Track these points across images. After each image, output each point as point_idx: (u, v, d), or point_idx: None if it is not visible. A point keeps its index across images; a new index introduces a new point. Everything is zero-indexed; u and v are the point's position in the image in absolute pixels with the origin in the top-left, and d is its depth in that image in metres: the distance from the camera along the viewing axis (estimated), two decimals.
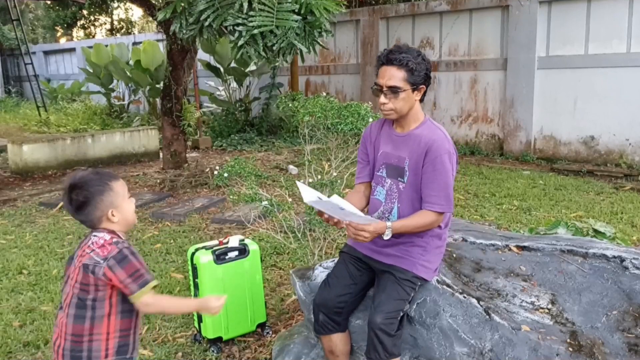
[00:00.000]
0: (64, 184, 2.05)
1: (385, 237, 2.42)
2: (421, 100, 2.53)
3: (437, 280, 2.61)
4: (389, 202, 2.58)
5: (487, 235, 3.12)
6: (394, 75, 2.41)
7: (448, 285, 2.60)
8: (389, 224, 2.42)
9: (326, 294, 2.62)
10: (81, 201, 2.00)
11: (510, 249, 2.95)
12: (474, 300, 2.52)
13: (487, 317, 2.46)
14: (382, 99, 2.46)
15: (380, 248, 2.57)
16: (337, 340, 2.64)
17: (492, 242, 3.02)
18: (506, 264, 2.84)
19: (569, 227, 3.76)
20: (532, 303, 2.59)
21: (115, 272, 1.92)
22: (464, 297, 2.54)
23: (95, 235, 2.02)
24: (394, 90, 2.42)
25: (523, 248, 2.94)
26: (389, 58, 2.43)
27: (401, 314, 2.45)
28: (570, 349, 2.33)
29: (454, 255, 2.89)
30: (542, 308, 2.57)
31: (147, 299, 1.96)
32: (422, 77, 2.44)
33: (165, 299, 2.02)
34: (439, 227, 2.57)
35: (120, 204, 2.05)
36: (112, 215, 2.03)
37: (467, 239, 3.06)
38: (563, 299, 2.63)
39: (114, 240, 1.99)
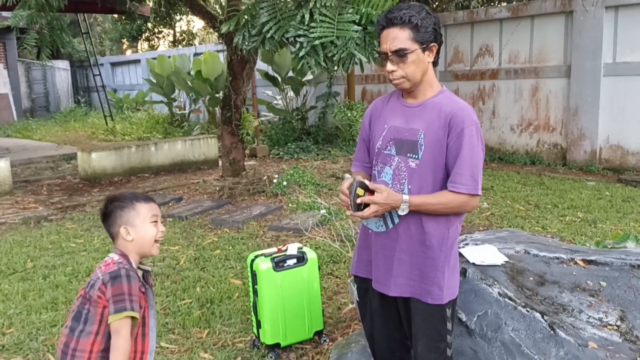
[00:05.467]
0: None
1: (401, 213, 2.12)
2: (435, 64, 2.18)
3: (499, 293, 2.56)
4: (397, 182, 2.21)
5: (551, 248, 3.04)
6: (398, 36, 2.07)
7: (510, 299, 2.55)
8: (405, 197, 2.10)
9: (370, 349, 2.50)
10: (105, 212, 2.14)
11: (576, 263, 2.86)
12: (538, 315, 2.46)
13: (552, 332, 2.39)
14: (389, 66, 2.12)
15: (383, 277, 2.26)
16: None
17: (557, 255, 2.93)
18: (572, 278, 2.75)
19: (638, 240, 3.60)
20: (600, 319, 2.51)
21: (106, 287, 1.98)
22: (527, 310, 2.48)
23: (108, 257, 2.11)
24: (401, 54, 2.08)
25: (590, 262, 2.85)
26: (388, 19, 2.09)
27: (448, 351, 2.22)
28: None
29: (517, 268, 2.83)
30: (611, 325, 2.48)
31: (118, 326, 1.96)
32: (430, 32, 2.09)
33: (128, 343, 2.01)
34: (454, 219, 2.18)
35: (138, 225, 2.10)
36: (126, 233, 2.09)
37: (530, 251, 2.99)
38: (633, 315, 2.53)
39: (119, 261, 2.06)
